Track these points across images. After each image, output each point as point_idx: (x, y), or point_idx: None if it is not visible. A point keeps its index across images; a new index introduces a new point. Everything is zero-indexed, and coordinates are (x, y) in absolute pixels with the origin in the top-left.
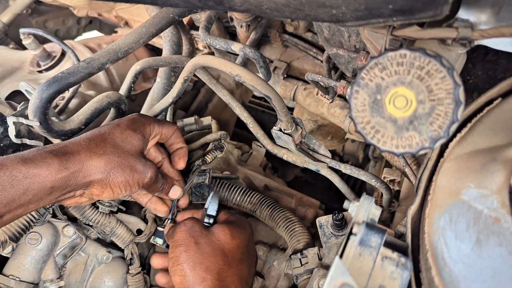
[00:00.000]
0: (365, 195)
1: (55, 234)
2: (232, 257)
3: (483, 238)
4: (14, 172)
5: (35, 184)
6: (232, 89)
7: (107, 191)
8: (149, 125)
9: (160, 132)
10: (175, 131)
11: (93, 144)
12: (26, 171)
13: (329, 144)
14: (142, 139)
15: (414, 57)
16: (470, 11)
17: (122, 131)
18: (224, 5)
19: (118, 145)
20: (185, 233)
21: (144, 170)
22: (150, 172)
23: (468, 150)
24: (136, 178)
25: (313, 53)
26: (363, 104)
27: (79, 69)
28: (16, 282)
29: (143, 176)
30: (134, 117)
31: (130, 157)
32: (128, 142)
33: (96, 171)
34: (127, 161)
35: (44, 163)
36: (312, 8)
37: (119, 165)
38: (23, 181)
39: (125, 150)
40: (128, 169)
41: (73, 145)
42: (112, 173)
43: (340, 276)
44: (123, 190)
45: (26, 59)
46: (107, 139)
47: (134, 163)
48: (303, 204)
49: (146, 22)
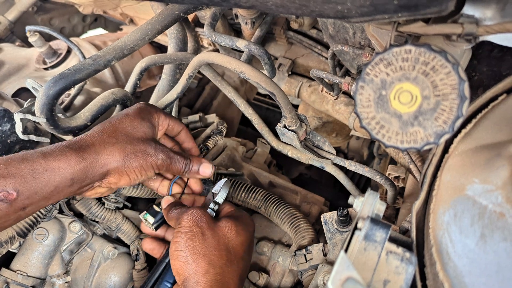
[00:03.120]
0: (370, 191)
1: (62, 230)
2: (235, 254)
3: (488, 233)
4: (34, 166)
5: (55, 176)
6: (237, 86)
7: (123, 178)
8: (156, 113)
9: (167, 123)
10: (184, 128)
11: (105, 135)
12: (46, 164)
13: (334, 141)
14: (151, 126)
15: (419, 52)
16: (475, 7)
17: (132, 120)
18: (229, 1)
19: (129, 133)
20: (193, 222)
21: (156, 153)
22: (161, 154)
23: (473, 146)
24: (149, 161)
25: (318, 50)
26: (368, 100)
27: (85, 66)
28: (23, 277)
29: (156, 158)
30: (141, 106)
31: (142, 142)
32: (138, 130)
33: (111, 159)
34: (139, 147)
35: (62, 156)
36: (317, 4)
37: (132, 152)
38: (44, 173)
39: (137, 137)
40: (140, 154)
41: (87, 138)
42: (126, 160)
43: (345, 270)
44: (139, 175)
45: (32, 57)
46: (118, 129)
47: (145, 148)
48: (308, 201)
49: (151, 19)
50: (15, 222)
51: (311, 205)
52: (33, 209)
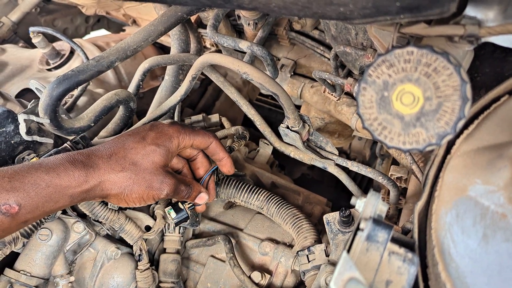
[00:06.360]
0: (372, 191)
1: (65, 230)
2: None
3: (490, 233)
4: (38, 181)
5: (57, 193)
6: (239, 87)
7: (122, 203)
8: (178, 137)
9: (191, 143)
10: (213, 142)
11: (113, 160)
12: (48, 180)
13: (336, 142)
14: (166, 154)
15: (421, 54)
16: (478, 8)
17: (145, 146)
18: (232, 3)
19: (138, 162)
20: None
21: (161, 187)
22: (167, 189)
23: (475, 147)
24: (151, 194)
25: (320, 51)
26: (371, 101)
27: (88, 67)
28: (27, 277)
29: (159, 192)
30: (163, 129)
31: (148, 174)
32: (148, 159)
33: (113, 187)
34: (144, 179)
35: (66, 175)
36: (320, 5)
37: (135, 182)
38: (46, 189)
39: (144, 168)
40: (144, 185)
41: (95, 157)
42: (127, 189)
43: (348, 271)
44: (137, 203)
45: (35, 58)
46: (127, 156)
47: (151, 180)
48: (310, 201)
49: (154, 21)
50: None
51: (313, 205)
52: (32, 221)
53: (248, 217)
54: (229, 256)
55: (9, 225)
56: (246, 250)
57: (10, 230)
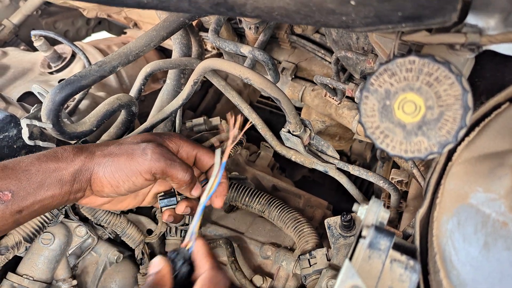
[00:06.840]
0: (374, 199)
1: (68, 234)
2: None
3: (491, 241)
4: (29, 166)
5: (47, 178)
6: (240, 90)
7: (110, 189)
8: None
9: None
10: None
11: (101, 145)
12: (38, 165)
13: (337, 144)
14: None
15: (423, 63)
16: (479, 17)
17: (144, 161)
18: (235, 11)
19: (124, 142)
20: None
21: (144, 152)
22: (150, 153)
23: (476, 154)
24: (135, 163)
25: (321, 54)
26: (373, 110)
27: (91, 72)
28: (29, 281)
29: (143, 158)
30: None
31: (130, 144)
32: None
33: (99, 168)
34: (125, 149)
35: (55, 158)
36: (322, 15)
37: (118, 155)
38: (36, 175)
39: (127, 142)
40: (125, 155)
41: (85, 146)
42: (113, 165)
43: (350, 278)
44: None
45: (37, 61)
46: (115, 143)
47: (132, 148)
48: (311, 205)
49: (156, 26)
50: (14, 227)
51: (315, 208)
52: (29, 214)
53: (250, 220)
54: (231, 259)
55: (3, 213)
56: (248, 253)
57: (5, 220)
